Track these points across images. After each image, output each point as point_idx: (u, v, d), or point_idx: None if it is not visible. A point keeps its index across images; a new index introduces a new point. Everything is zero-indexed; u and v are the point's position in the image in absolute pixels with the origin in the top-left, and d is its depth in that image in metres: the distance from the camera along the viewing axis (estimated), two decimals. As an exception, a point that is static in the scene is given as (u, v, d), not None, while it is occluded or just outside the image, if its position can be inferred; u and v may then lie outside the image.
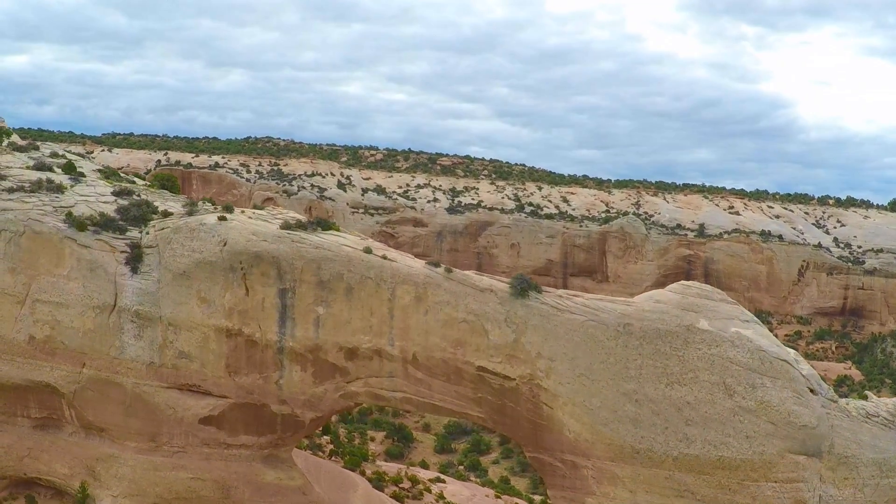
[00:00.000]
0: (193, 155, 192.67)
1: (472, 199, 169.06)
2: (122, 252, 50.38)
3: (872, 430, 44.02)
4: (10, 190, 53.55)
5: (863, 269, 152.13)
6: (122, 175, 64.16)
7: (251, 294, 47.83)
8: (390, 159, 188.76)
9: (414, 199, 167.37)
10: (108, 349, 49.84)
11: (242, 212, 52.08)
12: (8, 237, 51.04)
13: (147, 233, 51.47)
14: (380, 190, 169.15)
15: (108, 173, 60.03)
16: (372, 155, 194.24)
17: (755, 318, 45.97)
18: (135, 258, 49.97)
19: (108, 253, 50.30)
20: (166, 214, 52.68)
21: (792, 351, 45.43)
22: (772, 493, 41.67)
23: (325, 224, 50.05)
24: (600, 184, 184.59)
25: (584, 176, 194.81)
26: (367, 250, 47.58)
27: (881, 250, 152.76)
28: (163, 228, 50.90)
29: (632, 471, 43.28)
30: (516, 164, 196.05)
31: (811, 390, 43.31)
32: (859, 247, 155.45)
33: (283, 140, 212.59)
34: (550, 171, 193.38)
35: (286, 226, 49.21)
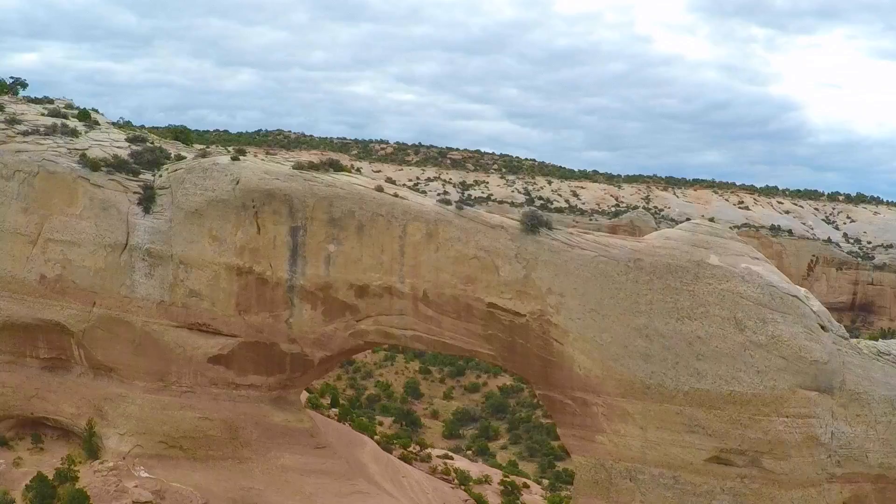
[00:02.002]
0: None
1: (482, 192, 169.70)
2: (135, 193, 50.59)
3: (884, 368, 43.79)
4: (25, 133, 53.89)
5: (872, 265, 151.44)
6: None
7: (263, 232, 47.93)
8: (400, 153, 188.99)
9: (424, 193, 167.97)
10: (118, 288, 49.97)
11: (255, 155, 52.22)
12: (22, 178, 51.29)
13: (160, 175, 51.67)
14: (390, 183, 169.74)
15: (122, 124, 60.32)
16: (382, 148, 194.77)
17: (765, 258, 45.89)
18: (147, 198, 50.14)
19: (121, 193, 50.52)
20: (179, 158, 52.91)
21: (802, 289, 45.33)
22: (783, 428, 41.42)
23: (337, 166, 50.18)
24: (610, 179, 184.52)
25: (595, 171, 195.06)
26: (379, 188, 47.71)
27: (891, 246, 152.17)
28: (176, 170, 51.09)
29: (642, 406, 43.11)
30: (526, 159, 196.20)
31: (822, 327, 43.17)
32: (869, 242, 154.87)
33: (294, 133, 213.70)
34: (560, 167, 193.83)
35: (298, 166, 49.44)
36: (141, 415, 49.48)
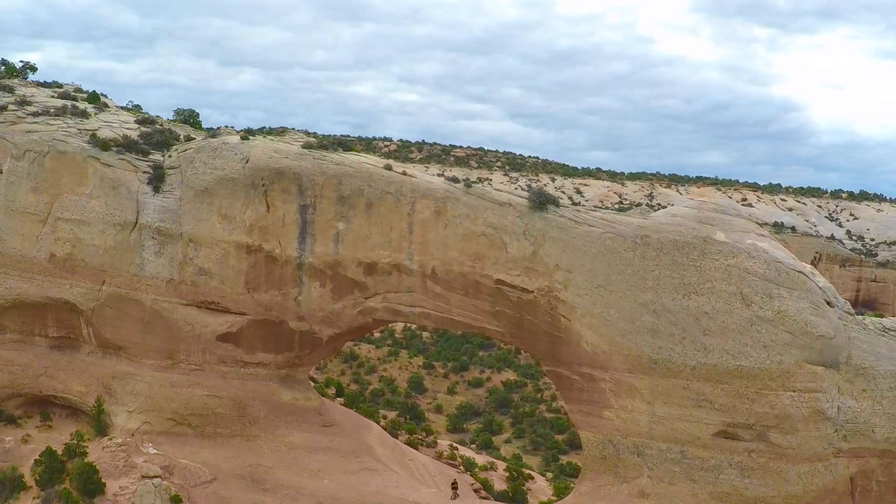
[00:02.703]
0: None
1: None
2: (145, 172, 50.92)
3: (889, 344, 43.99)
4: (35, 114, 54.29)
5: (875, 262, 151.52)
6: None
7: (272, 210, 48.22)
8: (404, 150, 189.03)
9: None
10: (128, 266, 50.27)
11: (264, 136, 52.53)
12: (32, 157, 51.62)
13: (169, 155, 52.03)
14: None
15: (131, 108, 60.64)
16: (386, 146, 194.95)
17: (770, 235, 46.13)
18: (157, 178, 50.47)
19: (131, 172, 50.84)
20: (188, 139, 53.24)
21: (808, 265, 45.56)
22: (790, 403, 41.63)
23: (346, 146, 50.46)
24: (613, 176, 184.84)
25: (598, 169, 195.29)
26: (388, 167, 47.98)
27: (894, 243, 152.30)
28: (185, 150, 51.47)
29: (650, 382, 43.34)
30: (529, 157, 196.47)
31: (827, 302, 43.40)
32: (872, 239, 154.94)
33: (298, 131, 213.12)
34: (564, 164, 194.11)
35: (308, 145, 49.74)
36: (149, 392, 49.72)
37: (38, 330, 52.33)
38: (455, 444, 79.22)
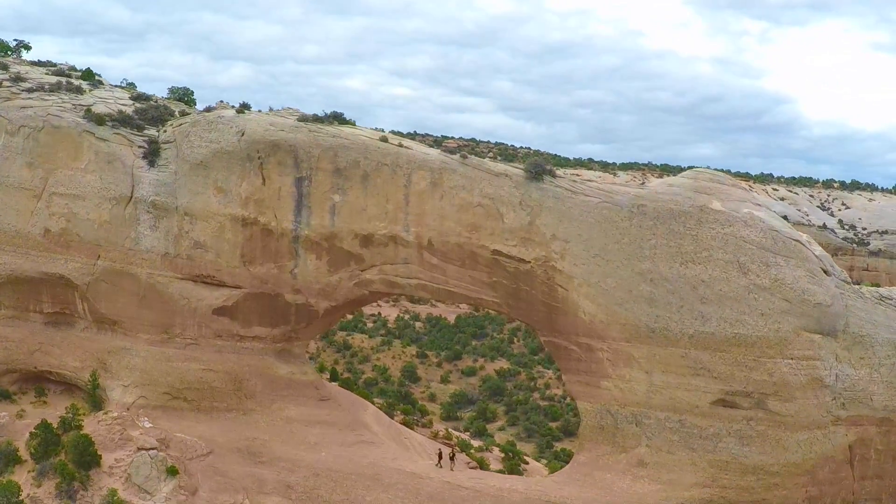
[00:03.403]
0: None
1: None
2: (140, 147, 50.67)
3: (887, 312, 44.17)
4: (30, 90, 54.01)
5: (867, 251, 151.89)
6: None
7: (268, 183, 48.04)
8: None
9: None
10: (123, 240, 50.01)
11: (259, 111, 52.32)
12: (27, 133, 51.31)
13: (165, 130, 51.82)
14: None
15: (125, 85, 60.34)
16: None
17: (767, 204, 46.14)
18: (152, 152, 50.25)
19: (126, 147, 50.59)
20: (184, 114, 53.01)
21: (804, 234, 45.66)
22: (788, 370, 41.70)
23: (341, 119, 50.28)
24: (605, 167, 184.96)
25: (590, 159, 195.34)
26: (384, 139, 47.87)
27: (886, 232, 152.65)
28: (180, 124, 51.29)
29: (647, 351, 43.35)
30: (521, 147, 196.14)
31: (824, 271, 43.48)
32: (864, 229, 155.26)
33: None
34: (556, 154, 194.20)
35: (303, 118, 49.58)
36: (145, 367, 49.50)
37: (33, 306, 52.01)
38: (450, 430, 79.23)
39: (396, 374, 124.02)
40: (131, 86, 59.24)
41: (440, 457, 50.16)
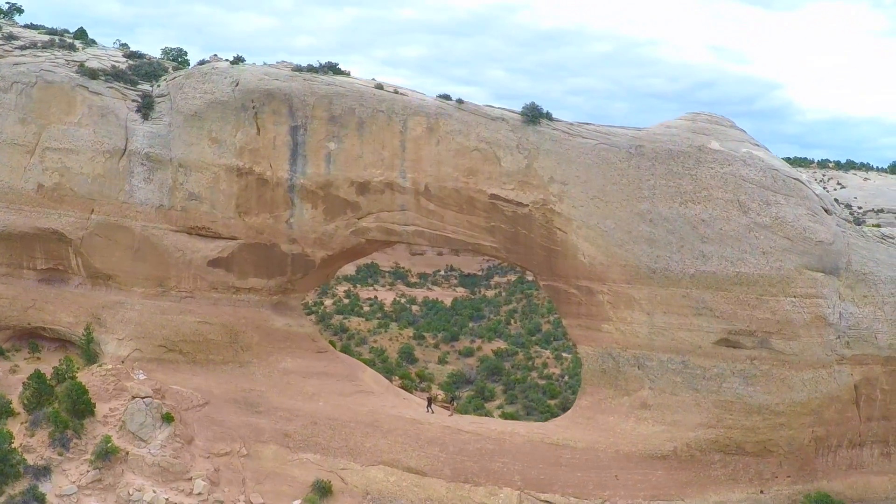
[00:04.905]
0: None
1: None
2: (134, 101, 50.13)
3: (889, 251, 43.80)
4: (22, 47, 53.46)
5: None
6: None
7: (262, 133, 47.52)
8: None
9: None
10: (117, 194, 49.48)
11: (253, 63, 51.79)
12: (19, 89, 50.75)
13: (158, 85, 51.28)
14: None
15: (119, 46, 59.68)
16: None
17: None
18: (146, 105, 49.73)
19: (120, 100, 50.07)
20: (177, 69, 52.50)
21: (805, 174, 45.25)
22: (791, 308, 41.30)
23: (336, 69, 49.78)
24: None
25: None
26: (379, 86, 47.41)
27: (882, 210, 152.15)
28: (174, 78, 50.79)
29: (648, 292, 42.93)
30: None
31: (825, 210, 43.10)
32: (860, 207, 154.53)
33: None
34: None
35: (298, 68, 49.09)
36: (140, 320, 48.96)
37: (27, 263, 51.44)
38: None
39: (394, 356, 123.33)
40: (125, 46, 58.59)
41: (429, 402, 50.32)
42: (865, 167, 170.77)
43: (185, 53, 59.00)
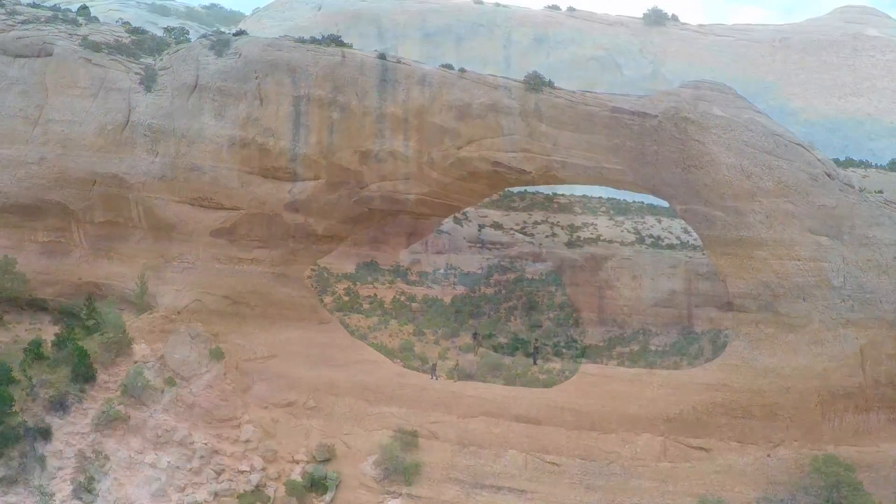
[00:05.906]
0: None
1: (591, 234, 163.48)
2: (137, 74, 50.21)
3: (892, 215, 43.58)
4: (25, 21, 53.60)
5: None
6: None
7: (265, 103, 47.50)
8: (506, 199, 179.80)
9: (531, 235, 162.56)
10: (119, 165, 49.44)
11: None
12: (22, 62, 50.89)
13: (161, 59, 51.40)
14: (496, 226, 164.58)
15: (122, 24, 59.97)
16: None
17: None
18: (149, 77, 49.77)
19: (123, 73, 50.17)
20: (179, 43, 52.65)
21: (807, 141, 45.31)
22: (794, 272, 41.20)
23: (339, 42, 49.87)
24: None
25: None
26: (381, 56, 47.48)
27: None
28: (177, 51, 50.94)
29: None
30: (634, 202, 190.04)
31: (827, 174, 43.05)
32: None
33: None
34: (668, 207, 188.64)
35: (300, 41, 49.20)
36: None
37: (29, 235, 51.43)
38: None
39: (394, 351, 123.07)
40: (126, 24, 58.78)
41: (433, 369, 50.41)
42: (864, 164, 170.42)
43: (187, 32, 59.09)
